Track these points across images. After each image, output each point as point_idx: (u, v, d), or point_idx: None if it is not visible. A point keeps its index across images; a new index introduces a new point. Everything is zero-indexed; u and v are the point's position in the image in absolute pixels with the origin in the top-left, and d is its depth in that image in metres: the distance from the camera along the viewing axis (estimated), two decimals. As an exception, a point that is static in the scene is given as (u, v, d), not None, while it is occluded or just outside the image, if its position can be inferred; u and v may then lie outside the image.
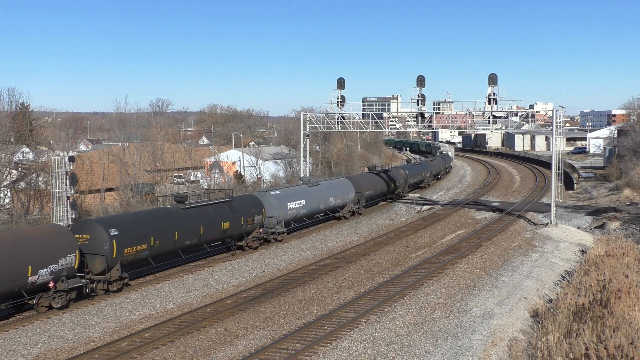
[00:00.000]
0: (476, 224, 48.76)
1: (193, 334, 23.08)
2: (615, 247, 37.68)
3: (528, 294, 28.74)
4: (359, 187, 51.70)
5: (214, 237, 34.67)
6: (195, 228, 32.53)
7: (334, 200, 47.67)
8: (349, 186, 50.40)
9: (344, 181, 51.03)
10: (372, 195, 55.66)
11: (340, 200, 48.57)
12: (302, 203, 42.55)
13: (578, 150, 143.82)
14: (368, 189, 53.91)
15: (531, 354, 21.31)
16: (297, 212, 42.20)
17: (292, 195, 42.17)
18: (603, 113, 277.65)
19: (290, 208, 41.18)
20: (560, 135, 48.13)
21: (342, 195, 49.03)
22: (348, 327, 23.52)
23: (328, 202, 46.74)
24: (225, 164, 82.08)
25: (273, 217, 39.34)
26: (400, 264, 34.99)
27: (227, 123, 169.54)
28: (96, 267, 27.61)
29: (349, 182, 51.06)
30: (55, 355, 21.26)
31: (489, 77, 47.45)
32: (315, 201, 44.54)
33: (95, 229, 27.81)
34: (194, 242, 32.81)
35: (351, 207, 50.47)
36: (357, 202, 51.60)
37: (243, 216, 36.19)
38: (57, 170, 36.16)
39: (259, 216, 37.89)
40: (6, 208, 50.72)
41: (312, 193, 44.48)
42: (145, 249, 29.44)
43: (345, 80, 51.39)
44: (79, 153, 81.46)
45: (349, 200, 50.07)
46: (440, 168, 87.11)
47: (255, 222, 37.60)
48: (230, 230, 35.30)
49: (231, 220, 35.06)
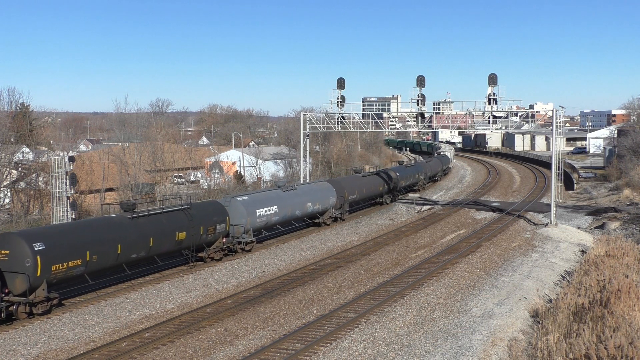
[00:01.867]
0: (476, 224, 48.76)
1: (193, 334, 23.09)
2: (615, 247, 37.71)
3: (528, 294, 28.74)
4: (342, 191, 48.54)
5: (167, 248, 31.22)
6: (143, 239, 29.30)
7: (312, 205, 44.23)
8: (330, 190, 47.18)
9: (324, 185, 47.70)
10: (357, 199, 52.42)
11: (319, 205, 45.19)
12: (274, 209, 39.27)
13: (578, 150, 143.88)
14: (352, 193, 50.52)
15: (531, 354, 21.32)
16: (269, 220, 38.92)
17: (263, 201, 38.78)
18: (603, 113, 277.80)
19: (260, 215, 37.88)
20: (560, 135, 48.14)
21: (322, 200, 45.66)
22: (348, 327, 23.52)
23: (305, 208, 43.38)
24: (225, 164, 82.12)
25: (239, 225, 36.06)
26: (400, 264, 34.99)
27: (227, 123, 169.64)
28: (17, 287, 24.29)
29: (330, 185, 47.88)
30: (55, 355, 21.27)
31: (489, 77, 47.46)
32: (290, 207, 41.27)
33: (16, 243, 24.42)
34: (142, 255, 29.59)
35: (332, 213, 47.17)
36: (340, 207, 48.43)
37: (203, 225, 33.09)
38: (57, 170, 36.22)
39: (222, 225, 34.70)
40: (6, 208, 50.75)
41: (286, 198, 41.20)
42: (80, 264, 26.17)
43: (345, 80, 51.42)
44: (79, 153, 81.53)
45: (330, 206, 46.87)
46: (437, 170, 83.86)
47: (218, 232, 34.45)
48: (187, 241, 32.18)
49: (188, 230, 31.95)
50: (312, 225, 46.30)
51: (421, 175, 71.78)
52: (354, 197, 50.93)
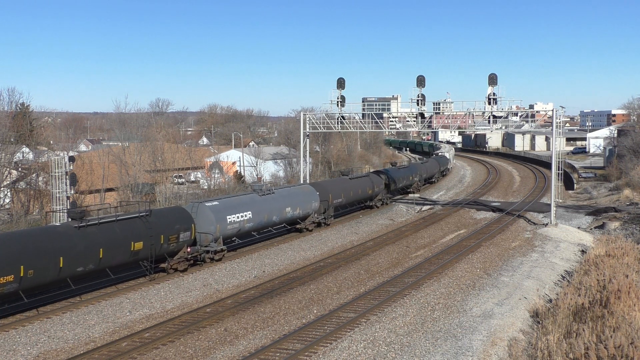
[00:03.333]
0: (476, 224, 48.76)
1: (193, 334, 23.09)
2: (615, 247, 37.71)
3: (528, 294, 28.74)
4: (326, 194, 46.21)
5: (120, 260, 28.61)
6: (91, 251, 26.72)
7: (292, 210, 41.55)
8: (313, 194, 44.50)
9: (306, 188, 44.98)
10: (343, 203, 49.94)
11: (300, 210, 42.51)
12: (248, 215, 36.65)
13: (578, 150, 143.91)
14: (338, 197, 48.14)
15: (531, 354, 21.32)
16: (241, 226, 36.31)
17: (235, 207, 36.22)
18: (603, 113, 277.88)
19: (232, 222, 35.27)
20: (560, 135, 48.14)
21: (303, 204, 42.99)
22: (348, 327, 23.52)
23: (283, 214, 40.62)
24: (225, 164, 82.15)
25: (208, 233, 33.66)
26: (400, 264, 34.99)
27: (227, 123, 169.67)
28: None
29: (313, 189, 45.20)
30: (55, 355, 21.27)
31: (489, 77, 47.47)
32: (267, 212, 38.68)
33: None
34: (91, 268, 26.98)
35: (315, 218, 44.64)
36: (324, 212, 45.96)
37: (163, 233, 30.55)
38: (57, 170, 36.24)
39: (187, 233, 32.18)
40: (6, 208, 50.76)
41: (262, 203, 38.60)
42: (12, 281, 23.44)
43: (345, 80, 51.42)
44: (79, 153, 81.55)
45: (312, 210, 44.25)
46: (434, 171, 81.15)
47: (182, 240, 31.95)
48: (145, 251, 29.59)
49: (146, 240, 29.42)
50: (294, 231, 43.84)
51: (415, 177, 69.20)
52: (339, 201, 48.73)
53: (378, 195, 56.54)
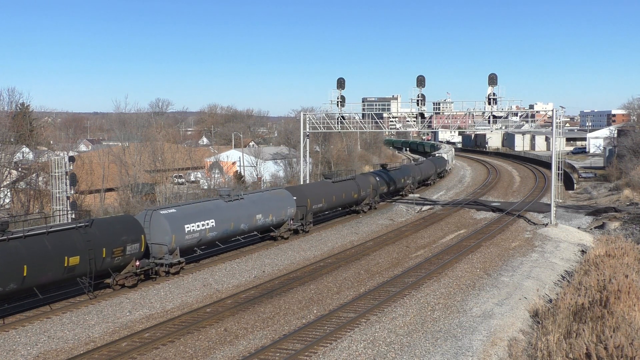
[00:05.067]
0: (476, 224, 48.76)
1: (193, 334, 23.09)
2: (615, 247, 37.71)
3: (528, 294, 28.74)
4: (303, 199, 43.08)
5: (51, 278, 25.46)
6: (13, 269, 23.66)
7: (264, 217, 38.48)
8: (288, 199, 41.51)
9: (281, 193, 41.95)
10: (323, 209, 46.64)
11: (273, 217, 39.51)
12: (210, 224, 33.74)
13: (578, 150, 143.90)
14: (317, 202, 44.88)
15: (531, 354, 21.32)
16: (203, 236, 33.33)
17: (195, 214, 33.18)
18: (603, 113, 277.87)
19: (191, 231, 32.33)
20: (560, 135, 48.14)
21: (277, 210, 39.99)
22: (348, 327, 23.52)
23: (254, 221, 37.61)
24: (225, 164, 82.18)
25: (162, 244, 30.80)
26: (400, 264, 34.99)
27: (227, 123, 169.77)
28: None
29: (289, 194, 42.24)
30: (55, 355, 21.27)
31: (489, 77, 47.48)
32: (233, 220, 35.65)
33: None
34: (13, 288, 23.90)
35: (291, 225, 41.63)
36: (302, 218, 42.90)
37: (106, 246, 27.50)
38: (57, 170, 36.24)
39: (135, 244, 29.08)
40: (6, 208, 50.77)
41: (227, 210, 35.64)
42: None
43: (345, 80, 51.47)
44: (79, 153, 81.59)
45: (288, 217, 41.25)
46: (429, 173, 77.91)
47: (129, 253, 28.81)
48: (82, 267, 26.34)
49: (83, 254, 26.27)
50: (268, 239, 40.93)
51: (408, 179, 66.01)
52: (319, 206, 45.42)
53: (365, 199, 53.81)
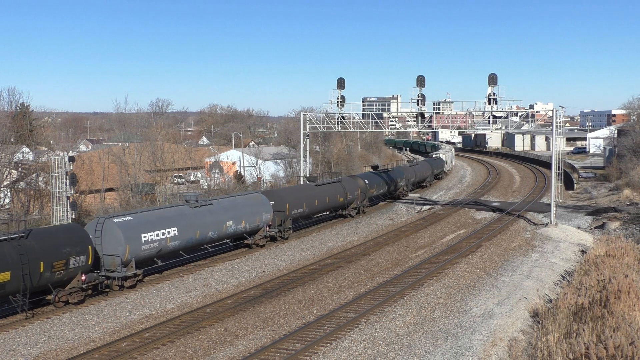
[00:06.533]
0: (476, 224, 48.76)
1: (193, 334, 23.09)
2: (615, 247, 37.72)
3: (528, 294, 28.74)
4: (282, 204, 40.66)
5: None
6: None
7: (235, 224, 35.99)
8: (264, 204, 38.97)
9: (256, 197, 39.31)
10: (305, 213, 44.26)
11: (246, 223, 36.97)
12: (172, 232, 31.23)
13: (578, 150, 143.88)
14: (298, 207, 42.45)
15: (531, 354, 21.32)
16: (163, 246, 30.75)
17: (155, 222, 30.64)
18: (603, 113, 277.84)
19: (149, 240, 29.75)
20: (560, 135, 48.13)
21: (251, 216, 37.45)
22: (348, 327, 23.52)
23: (223, 228, 35.14)
24: (225, 164, 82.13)
25: (115, 255, 28.33)
26: (400, 264, 34.99)
27: (227, 123, 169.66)
28: None
29: (265, 198, 39.68)
30: (55, 355, 21.27)
31: (489, 77, 47.48)
32: (199, 228, 33.19)
33: None
34: None
35: (267, 232, 39.29)
36: (280, 223, 40.68)
37: (44, 260, 24.85)
38: (57, 171, 36.19)
39: (81, 257, 26.40)
40: (6, 208, 50.76)
41: (193, 217, 33.15)
42: None
43: (345, 80, 51.47)
44: (79, 153, 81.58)
45: (264, 223, 38.85)
46: (425, 175, 74.96)
47: (74, 266, 26.10)
48: (14, 283, 23.74)
49: (15, 269, 23.65)
50: (243, 247, 38.44)
51: (401, 181, 63.23)
52: (300, 210, 42.88)
53: (352, 203, 51.14)
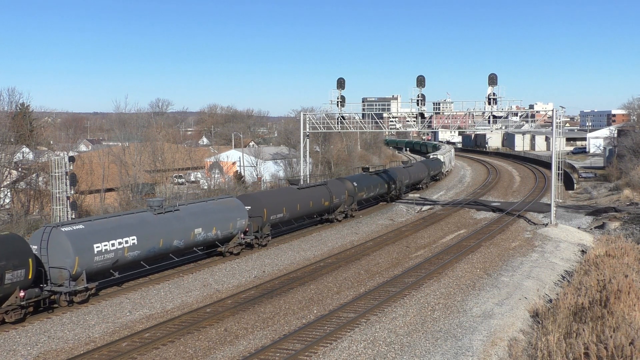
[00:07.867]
0: (476, 224, 48.76)
1: (193, 334, 23.09)
2: (615, 247, 37.71)
3: (528, 294, 28.74)
4: (259, 209, 38.15)
5: None
6: None
7: (205, 232, 33.42)
8: (238, 209, 36.25)
9: (229, 202, 36.42)
10: (285, 219, 41.48)
11: (217, 230, 34.28)
12: (131, 241, 28.64)
13: (578, 150, 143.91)
14: (277, 212, 39.90)
15: (531, 354, 21.32)
16: (119, 256, 28.11)
17: (110, 231, 27.99)
18: (603, 113, 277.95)
19: (102, 251, 27.20)
20: (560, 135, 48.14)
21: (223, 222, 34.76)
22: (348, 327, 23.52)
23: (191, 236, 32.52)
24: (225, 164, 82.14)
25: (62, 268, 25.85)
26: (400, 264, 34.99)
27: (227, 123, 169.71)
28: None
29: (240, 203, 37.01)
30: (55, 355, 21.27)
31: (489, 77, 47.47)
32: (162, 236, 30.51)
33: None
34: None
35: (242, 239, 36.63)
36: (258, 230, 38.32)
37: None
38: (57, 171, 36.21)
39: (19, 270, 24.03)
40: (6, 208, 50.74)
41: (156, 224, 30.47)
42: None
43: (345, 80, 51.44)
44: (79, 153, 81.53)
45: (238, 229, 36.17)
46: (420, 177, 72.07)
47: (10, 282, 23.77)
48: None
49: None
50: (215, 255, 36.08)
51: (394, 184, 61.25)
52: (279, 216, 40.39)
53: (339, 207, 48.83)
